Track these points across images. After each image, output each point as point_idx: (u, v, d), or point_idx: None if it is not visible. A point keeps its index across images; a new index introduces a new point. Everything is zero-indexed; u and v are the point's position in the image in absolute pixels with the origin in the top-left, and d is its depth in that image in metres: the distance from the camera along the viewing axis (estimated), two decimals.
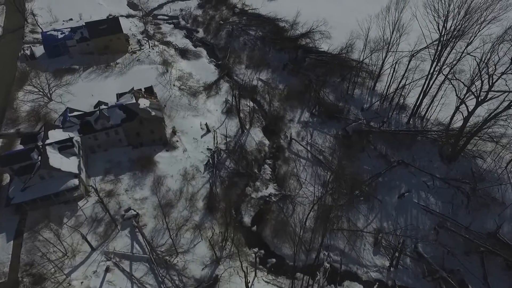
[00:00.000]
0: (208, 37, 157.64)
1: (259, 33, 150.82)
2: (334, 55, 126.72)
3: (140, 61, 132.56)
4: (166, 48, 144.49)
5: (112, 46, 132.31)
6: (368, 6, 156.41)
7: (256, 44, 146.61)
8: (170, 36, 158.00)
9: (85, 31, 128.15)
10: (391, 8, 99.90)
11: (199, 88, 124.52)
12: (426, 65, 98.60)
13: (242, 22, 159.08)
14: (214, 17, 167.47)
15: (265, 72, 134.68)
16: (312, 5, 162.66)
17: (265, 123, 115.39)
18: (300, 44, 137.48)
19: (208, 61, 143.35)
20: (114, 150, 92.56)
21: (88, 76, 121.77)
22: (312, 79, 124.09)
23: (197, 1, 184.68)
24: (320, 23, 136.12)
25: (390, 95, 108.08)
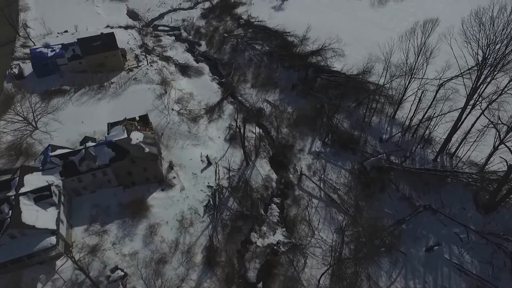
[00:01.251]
0: (211, 51, 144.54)
1: (266, 48, 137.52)
2: (348, 76, 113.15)
3: (137, 80, 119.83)
4: (166, 65, 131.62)
5: (107, 64, 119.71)
6: (384, 18, 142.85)
7: (263, 60, 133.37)
8: (170, 50, 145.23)
9: (77, 48, 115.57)
10: (417, 30, 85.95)
11: (200, 112, 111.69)
12: (458, 95, 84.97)
13: (248, 35, 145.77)
14: (217, 29, 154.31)
15: (273, 93, 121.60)
16: (324, 18, 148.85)
17: (273, 153, 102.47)
18: (311, 62, 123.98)
19: (210, 78, 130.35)
20: (103, 191, 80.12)
21: (79, 98, 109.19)
22: (324, 102, 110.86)
23: (200, 11, 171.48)
24: (332, 40, 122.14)
25: (413, 126, 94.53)
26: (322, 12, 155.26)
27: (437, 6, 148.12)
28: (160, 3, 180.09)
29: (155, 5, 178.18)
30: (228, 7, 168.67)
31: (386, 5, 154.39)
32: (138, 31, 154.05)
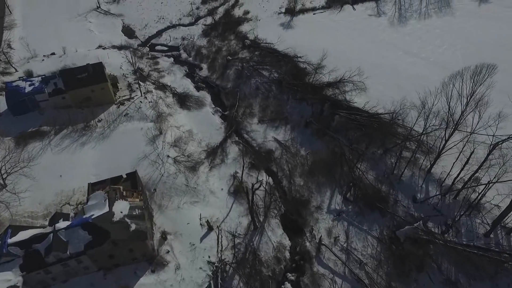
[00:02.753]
0: (213, 76, 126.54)
1: (275, 74, 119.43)
2: (372, 115, 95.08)
3: (129, 116, 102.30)
4: (162, 95, 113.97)
5: (95, 97, 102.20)
6: (406, 40, 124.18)
7: (271, 90, 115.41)
8: (168, 75, 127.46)
9: (60, 82, 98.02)
10: (466, 76, 67.83)
11: (200, 156, 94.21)
12: None
13: (254, 58, 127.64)
14: (220, 50, 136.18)
15: (283, 129, 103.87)
16: (339, 39, 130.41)
17: (284, 209, 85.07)
18: (327, 94, 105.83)
19: (212, 110, 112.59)
20: (77, 280, 62.94)
21: (60, 142, 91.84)
22: (344, 146, 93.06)
23: (202, 27, 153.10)
24: (353, 73, 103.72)
25: (456, 186, 76.73)
26: (337, 31, 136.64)
27: (464, 25, 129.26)
28: (159, 18, 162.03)
29: (153, 21, 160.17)
30: (232, 23, 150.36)
31: (407, 24, 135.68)
32: (133, 52, 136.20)
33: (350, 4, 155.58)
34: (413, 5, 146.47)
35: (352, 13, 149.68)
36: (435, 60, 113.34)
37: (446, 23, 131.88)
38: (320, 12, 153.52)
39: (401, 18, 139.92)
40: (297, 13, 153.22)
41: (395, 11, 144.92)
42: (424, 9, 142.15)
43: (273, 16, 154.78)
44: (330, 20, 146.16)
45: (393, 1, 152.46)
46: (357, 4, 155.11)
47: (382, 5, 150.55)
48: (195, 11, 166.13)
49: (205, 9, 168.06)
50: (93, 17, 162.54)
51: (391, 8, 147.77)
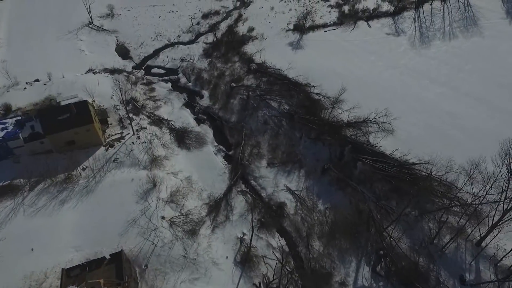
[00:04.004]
0: (215, 106, 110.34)
1: (285, 106, 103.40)
2: (402, 165, 79.13)
3: (119, 161, 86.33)
4: (158, 131, 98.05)
5: (80, 140, 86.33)
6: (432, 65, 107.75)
7: (281, 125, 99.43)
8: (165, 105, 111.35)
9: (38, 124, 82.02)
10: None
11: (201, 212, 78.59)
12: None
13: (261, 86, 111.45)
14: (223, 74, 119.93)
15: (296, 175, 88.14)
16: (355, 63, 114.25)
17: (301, 284, 69.39)
18: (346, 135, 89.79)
19: (215, 150, 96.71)
20: None
21: (35, 200, 75.95)
22: (370, 202, 77.30)
23: (202, 46, 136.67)
24: (379, 114, 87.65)
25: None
26: (352, 53, 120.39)
27: (496, 48, 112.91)
28: (156, 35, 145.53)
29: (150, 38, 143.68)
30: (235, 42, 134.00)
31: (430, 46, 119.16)
32: (126, 77, 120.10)
33: (364, 20, 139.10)
34: (435, 23, 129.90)
35: (367, 31, 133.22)
36: (467, 92, 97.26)
37: (475, 45, 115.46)
38: (332, 30, 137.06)
39: (423, 38, 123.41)
40: (307, 30, 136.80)
41: (415, 30, 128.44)
42: (448, 27, 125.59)
43: (281, 33, 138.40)
44: (344, 40, 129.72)
45: (412, 17, 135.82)
46: (372, 20, 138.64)
47: (400, 22, 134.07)
48: (195, 26, 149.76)
49: (206, 24, 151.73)
50: (85, 34, 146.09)
51: (411, 26, 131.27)
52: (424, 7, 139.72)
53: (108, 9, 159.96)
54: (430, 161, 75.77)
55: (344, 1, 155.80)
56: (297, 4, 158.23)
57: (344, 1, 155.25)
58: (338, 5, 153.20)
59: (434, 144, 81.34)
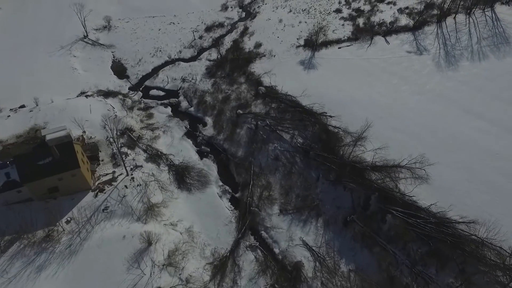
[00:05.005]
0: (220, 136, 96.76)
1: (298, 139, 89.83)
2: (441, 223, 65.43)
3: (109, 211, 73.09)
4: (155, 170, 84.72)
5: (64, 187, 73.06)
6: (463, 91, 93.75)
7: (295, 162, 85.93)
8: (164, 134, 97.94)
9: (14, 171, 68.73)
10: None
11: (204, 276, 65.33)
12: None
13: (271, 114, 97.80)
14: (228, 98, 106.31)
15: (313, 226, 74.86)
16: (377, 88, 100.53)
17: None
18: (371, 179, 76.11)
19: (219, 191, 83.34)
20: None
21: (7, 267, 62.81)
22: (403, 266, 63.78)
23: (205, 64, 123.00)
24: (412, 159, 73.78)
25: None
26: (371, 74, 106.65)
27: None
28: (155, 50, 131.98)
29: (148, 54, 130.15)
30: (241, 60, 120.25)
31: (458, 67, 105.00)
32: (122, 100, 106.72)
33: (381, 35, 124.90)
34: (461, 40, 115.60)
35: (385, 48, 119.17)
36: (509, 127, 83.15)
37: (510, 66, 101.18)
38: (346, 46, 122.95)
39: (449, 58, 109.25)
40: (319, 46, 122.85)
41: (439, 48, 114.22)
42: (476, 46, 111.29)
43: (290, 50, 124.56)
44: (360, 58, 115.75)
45: (434, 33, 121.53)
46: (390, 35, 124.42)
47: (421, 38, 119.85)
48: (198, 41, 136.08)
49: (209, 38, 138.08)
50: (79, 49, 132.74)
51: (434, 43, 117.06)
52: (447, 21, 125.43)
53: (104, 20, 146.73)
54: (475, 220, 62.09)
55: (358, 12, 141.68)
56: (307, 16, 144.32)
57: (358, 13, 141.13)
58: (352, 17, 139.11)
59: (475, 194, 67.94)
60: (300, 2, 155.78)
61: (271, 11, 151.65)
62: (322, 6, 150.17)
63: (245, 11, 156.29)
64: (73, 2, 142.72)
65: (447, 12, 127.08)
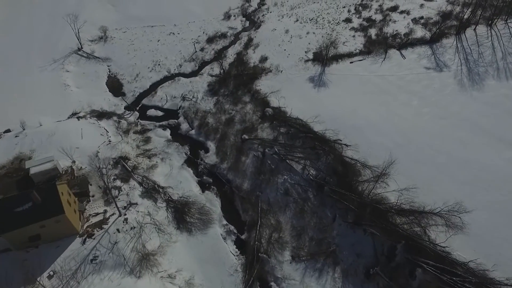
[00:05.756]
0: (223, 164, 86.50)
1: (311, 170, 79.53)
2: (483, 282, 55.13)
3: (98, 262, 62.96)
4: (152, 208, 74.66)
5: (47, 234, 62.97)
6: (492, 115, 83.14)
7: (307, 198, 75.74)
8: (162, 162, 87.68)
9: None
10: None
11: None
12: None
13: (279, 139, 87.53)
14: (232, 120, 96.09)
15: (330, 277, 64.93)
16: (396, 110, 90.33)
17: None
18: (398, 225, 65.75)
19: (223, 232, 73.26)
20: None
21: None
22: None
23: (207, 80, 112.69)
24: (451, 207, 63.25)
25: None
26: (387, 94, 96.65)
27: None
28: (154, 64, 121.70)
29: (146, 68, 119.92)
30: (246, 76, 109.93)
31: (484, 87, 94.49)
32: (117, 122, 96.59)
33: (396, 48, 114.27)
34: (484, 55, 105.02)
35: (401, 63, 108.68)
36: None
37: None
38: (358, 60, 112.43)
39: (472, 76, 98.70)
40: (329, 61, 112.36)
41: (461, 64, 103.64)
42: (502, 62, 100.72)
43: (298, 64, 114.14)
44: (374, 74, 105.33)
45: (453, 46, 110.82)
46: (406, 48, 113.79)
47: (439, 53, 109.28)
48: (199, 53, 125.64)
49: (211, 50, 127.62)
50: (73, 62, 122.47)
51: (454, 58, 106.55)
52: (467, 34, 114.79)
53: (100, 31, 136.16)
54: None
55: (369, 22, 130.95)
56: (314, 26, 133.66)
57: (369, 23, 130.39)
58: (363, 27, 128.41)
59: None
60: (307, 10, 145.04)
61: (276, 20, 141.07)
62: (330, 15, 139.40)
63: (249, 20, 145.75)
64: (67, 12, 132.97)
65: (467, 24, 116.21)
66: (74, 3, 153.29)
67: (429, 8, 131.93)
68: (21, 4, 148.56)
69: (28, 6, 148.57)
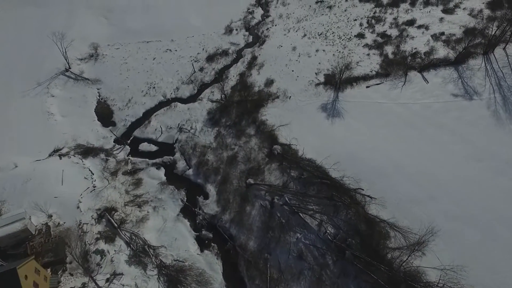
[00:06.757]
0: (225, 215, 72.77)
1: (328, 228, 65.64)
2: None
3: None
4: (140, 276, 61.01)
5: None
6: None
7: (326, 264, 61.96)
8: (155, 212, 74.04)
9: None
10: None
11: None
12: None
13: (290, 185, 73.60)
14: (235, 158, 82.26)
15: None
16: (422, 149, 76.34)
17: None
18: None
19: None
20: None
21: None
22: None
23: (207, 105, 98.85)
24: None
25: None
26: (413, 127, 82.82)
27: None
28: (148, 86, 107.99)
29: (140, 92, 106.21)
30: (250, 102, 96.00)
31: None
32: (105, 161, 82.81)
33: (417, 70, 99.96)
34: None
35: (425, 88, 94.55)
36: None
37: None
38: (375, 84, 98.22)
39: (508, 106, 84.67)
40: (343, 84, 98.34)
41: (493, 90, 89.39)
42: None
43: (309, 89, 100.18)
44: (395, 102, 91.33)
45: (482, 68, 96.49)
46: (428, 70, 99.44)
47: (467, 76, 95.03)
48: (198, 74, 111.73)
49: (212, 70, 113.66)
50: (59, 85, 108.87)
51: (484, 82, 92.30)
52: (496, 53, 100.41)
53: (91, 48, 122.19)
54: None
55: (384, 38, 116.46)
56: (324, 42, 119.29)
57: (384, 39, 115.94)
58: (378, 44, 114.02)
59: None
60: (315, 23, 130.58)
61: (282, 34, 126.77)
62: (341, 29, 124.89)
63: (252, 34, 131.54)
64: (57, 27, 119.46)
65: (495, 42, 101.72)
66: (65, 17, 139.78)
67: (450, 23, 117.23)
68: (4, 21, 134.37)
69: (13, 23, 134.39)
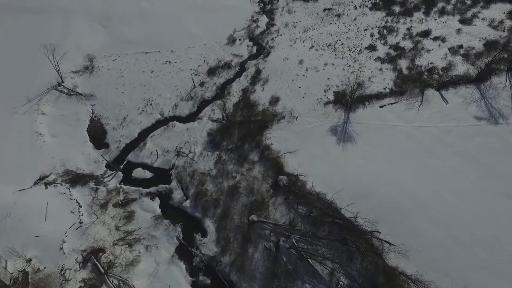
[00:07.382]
0: (225, 258, 64.26)
1: (341, 278, 56.82)
2: None
3: None
4: None
5: None
6: None
7: None
8: (148, 252, 65.87)
9: None
10: None
11: None
12: None
13: (298, 224, 64.81)
14: (236, 189, 73.66)
15: None
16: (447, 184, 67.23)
17: None
18: None
19: None
20: None
21: None
22: None
23: (207, 125, 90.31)
24: None
25: None
26: (433, 156, 73.92)
27: None
28: (145, 103, 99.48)
29: (136, 109, 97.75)
30: (253, 123, 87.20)
31: None
32: (94, 192, 74.49)
33: (435, 88, 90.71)
34: None
35: (444, 109, 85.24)
36: None
37: None
38: (390, 104, 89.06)
39: None
40: (354, 103, 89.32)
41: None
42: None
43: (317, 108, 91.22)
44: (412, 125, 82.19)
45: (507, 87, 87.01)
46: (447, 88, 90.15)
47: (491, 96, 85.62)
48: (198, 89, 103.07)
49: (213, 84, 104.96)
50: (51, 101, 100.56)
51: (510, 104, 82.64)
52: None
53: (86, 60, 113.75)
54: None
55: (397, 51, 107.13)
56: (333, 55, 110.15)
57: (397, 52, 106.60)
58: (390, 58, 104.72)
59: None
60: (323, 33, 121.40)
61: (288, 45, 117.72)
62: (350, 40, 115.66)
63: (256, 44, 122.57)
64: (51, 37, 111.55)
65: None
66: (61, 25, 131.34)
67: (468, 34, 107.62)
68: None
69: (6, 31, 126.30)
